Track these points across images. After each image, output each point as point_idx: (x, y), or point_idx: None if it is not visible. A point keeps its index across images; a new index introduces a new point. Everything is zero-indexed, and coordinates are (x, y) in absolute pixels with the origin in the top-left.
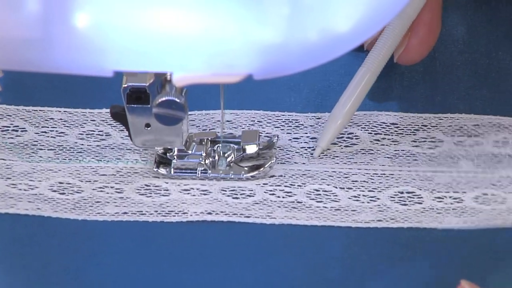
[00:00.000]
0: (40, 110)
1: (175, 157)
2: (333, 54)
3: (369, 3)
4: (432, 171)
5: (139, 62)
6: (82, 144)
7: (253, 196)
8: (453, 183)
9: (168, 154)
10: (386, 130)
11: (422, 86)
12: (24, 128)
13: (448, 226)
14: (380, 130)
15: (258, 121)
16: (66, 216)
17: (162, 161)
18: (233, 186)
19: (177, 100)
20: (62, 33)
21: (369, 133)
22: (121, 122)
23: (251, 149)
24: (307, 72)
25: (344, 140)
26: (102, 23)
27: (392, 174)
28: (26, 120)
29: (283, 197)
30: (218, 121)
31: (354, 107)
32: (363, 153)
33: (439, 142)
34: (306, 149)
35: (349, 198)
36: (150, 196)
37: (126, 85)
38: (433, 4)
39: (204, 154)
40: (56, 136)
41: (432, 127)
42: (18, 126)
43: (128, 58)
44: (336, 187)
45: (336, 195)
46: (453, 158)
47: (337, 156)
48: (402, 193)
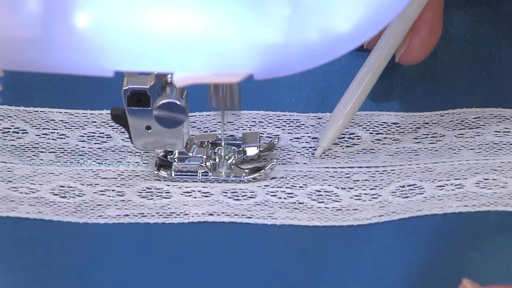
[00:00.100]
0: (41, 111)
1: (175, 159)
2: (333, 54)
3: (370, 3)
4: (433, 163)
5: (140, 62)
6: (83, 147)
7: (254, 198)
8: (454, 171)
9: (168, 156)
10: (388, 130)
11: (424, 85)
12: (25, 129)
13: (449, 210)
14: (381, 130)
15: (259, 121)
16: (67, 219)
17: (163, 163)
18: (234, 188)
19: (178, 102)
20: (63, 33)
21: (370, 133)
22: (122, 124)
23: (252, 151)
24: (308, 72)
25: (345, 140)
26: (102, 23)
27: (394, 169)
28: (27, 122)
29: (284, 198)
30: (218, 122)
31: (356, 107)
32: (364, 153)
33: (440, 136)
34: (307, 149)
35: (351, 198)
36: (152, 199)
37: (126, 87)
38: (435, 4)
39: (205, 157)
40: (57, 138)
41: (434, 123)
42: (19, 127)
43: (128, 58)
44: (338, 187)
45: (337, 195)
46: (454, 149)
47: (338, 156)
48: (403, 186)
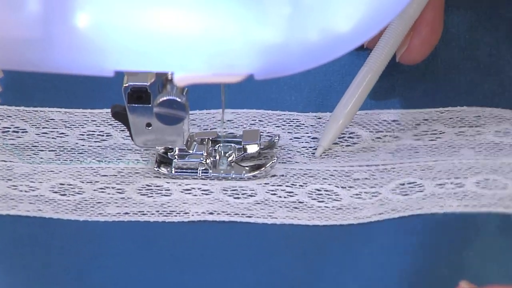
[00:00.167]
0: (40, 111)
1: (176, 156)
2: (334, 54)
3: (370, 3)
4: (433, 161)
5: (140, 62)
6: (83, 145)
7: (254, 196)
8: (454, 169)
9: (169, 153)
10: (388, 127)
11: (424, 84)
12: (24, 129)
13: (450, 209)
14: (381, 127)
15: (259, 120)
16: (67, 217)
17: (163, 160)
18: (235, 186)
19: (178, 99)
20: (63, 33)
21: (370, 131)
22: (122, 121)
23: (252, 148)
24: (308, 72)
25: (345, 140)
26: (102, 23)
27: (394, 167)
28: (26, 121)
29: (284, 197)
30: (218, 120)
31: (356, 107)
32: (364, 151)
33: (440, 133)
34: (307, 149)
35: (351, 197)
36: (152, 196)
37: (127, 85)
38: (436, 3)
39: (205, 154)
40: (57, 137)
41: (434, 120)
42: (18, 127)
43: (128, 58)
44: (338, 187)
45: (337, 195)
46: (454, 147)
47: (338, 156)
48: (403, 184)
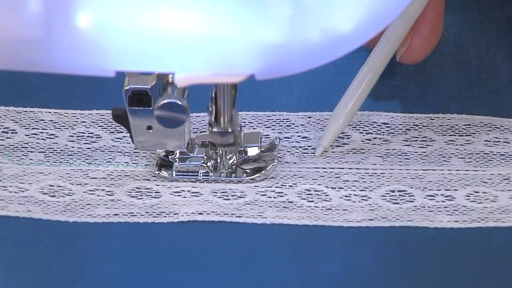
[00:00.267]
0: (30, 111)
1: (177, 159)
2: (335, 54)
3: (371, 4)
4: (423, 170)
5: (141, 62)
6: (72, 147)
7: (244, 197)
8: (444, 180)
9: (170, 156)
10: (378, 130)
11: (413, 86)
12: (14, 130)
13: (440, 225)
14: (371, 129)
15: (249, 122)
16: (56, 218)
17: (164, 163)
18: (224, 188)
19: (179, 102)
20: (64, 33)
21: (360, 132)
22: (123, 124)
23: (253, 151)
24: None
25: (335, 140)
26: (104, 23)
27: (383, 173)
28: (16, 122)
29: (274, 197)
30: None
31: (356, 106)
32: (354, 153)
33: (430, 141)
34: (297, 149)
35: (341, 198)
36: (141, 198)
37: (128, 87)
38: (436, 3)
39: (206, 157)
40: (47, 138)
41: (424, 126)
42: (8, 127)
43: (130, 58)
44: (328, 187)
45: (327, 195)
46: (444, 156)
47: (328, 156)
48: (393, 191)
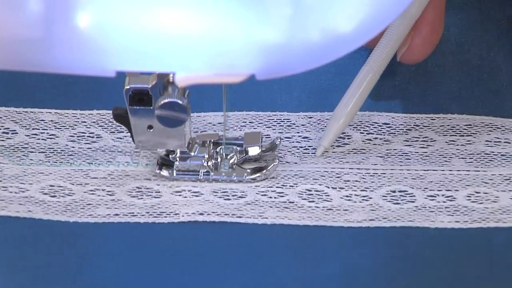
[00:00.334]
0: (30, 112)
1: (177, 159)
2: (335, 54)
3: (371, 3)
4: (424, 170)
5: (141, 62)
6: (73, 147)
7: (244, 197)
8: (445, 181)
9: (170, 156)
10: (378, 130)
11: (414, 86)
12: (14, 130)
13: (441, 225)
14: (372, 130)
15: (249, 122)
16: (57, 218)
17: (165, 163)
18: (225, 188)
19: (180, 102)
20: (64, 33)
21: (361, 133)
22: (124, 124)
23: (253, 151)
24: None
25: (336, 140)
26: (104, 23)
27: (384, 173)
28: (16, 122)
29: (275, 198)
30: (219, 123)
31: (357, 106)
32: (355, 153)
33: (431, 141)
34: (298, 149)
35: (341, 198)
36: (142, 198)
37: (128, 87)
38: (436, 3)
39: (206, 156)
40: (47, 138)
41: (425, 126)
42: (8, 128)
43: (130, 58)
44: (328, 187)
45: (328, 195)
46: (445, 156)
47: (329, 156)
48: (394, 192)
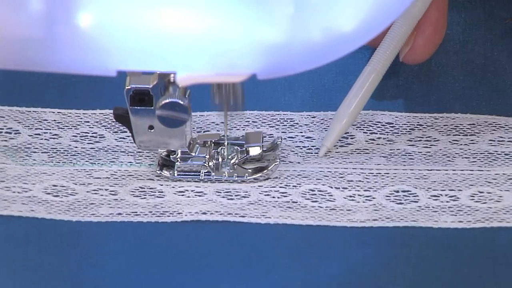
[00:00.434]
0: (33, 111)
1: (178, 159)
2: (337, 54)
3: (373, 3)
4: (428, 170)
5: (143, 62)
6: (76, 147)
7: (248, 197)
8: (448, 180)
9: (171, 156)
10: (382, 130)
11: (418, 85)
12: (17, 130)
13: (444, 225)
14: (375, 129)
15: (252, 121)
16: (60, 217)
17: (166, 163)
18: (228, 188)
19: (181, 102)
20: (66, 33)
21: (364, 132)
22: (124, 124)
23: (254, 151)
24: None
25: (339, 140)
26: (105, 22)
27: (388, 173)
28: (19, 122)
29: (278, 197)
30: (221, 122)
31: (360, 106)
32: (358, 153)
33: (434, 141)
34: (301, 149)
35: (345, 198)
36: (145, 198)
37: (129, 87)
38: (439, 3)
39: (207, 156)
40: (50, 138)
41: (428, 126)
42: (11, 128)
43: (131, 58)
44: (332, 187)
45: (331, 195)
46: (448, 156)
47: (332, 156)
48: (397, 192)
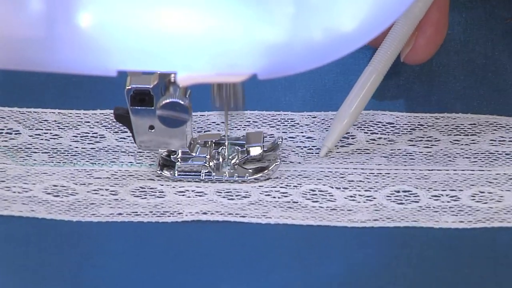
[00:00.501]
0: (34, 112)
1: (179, 159)
2: (338, 53)
3: (374, 3)
4: (429, 170)
5: (143, 62)
6: (76, 147)
7: (248, 197)
8: (449, 181)
9: (172, 156)
10: (383, 130)
11: (419, 85)
12: (18, 130)
13: (445, 225)
14: (376, 129)
15: (253, 121)
16: (60, 217)
17: (166, 163)
18: (229, 188)
19: (181, 102)
20: (66, 33)
21: (365, 132)
22: (125, 124)
23: (255, 151)
24: (311, 71)
25: (340, 140)
26: (106, 22)
27: (388, 173)
28: (20, 122)
29: (278, 198)
30: (222, 122)
31: (361, 107)
32: (359, 153)
33: (435, 141)
34: (302, 149)
35: (345, 198)
36: (145, 198)
37: (130, 87)
38: (441, 3)
39: (208, 157)
40: (50, 138)
41: (429, 126)
42: (12, 128)
43: (132, 58)
44: (332, 187)
45: (332, 195)
46: (449, 156)
47: (333, 157)
48: (398, 192)
